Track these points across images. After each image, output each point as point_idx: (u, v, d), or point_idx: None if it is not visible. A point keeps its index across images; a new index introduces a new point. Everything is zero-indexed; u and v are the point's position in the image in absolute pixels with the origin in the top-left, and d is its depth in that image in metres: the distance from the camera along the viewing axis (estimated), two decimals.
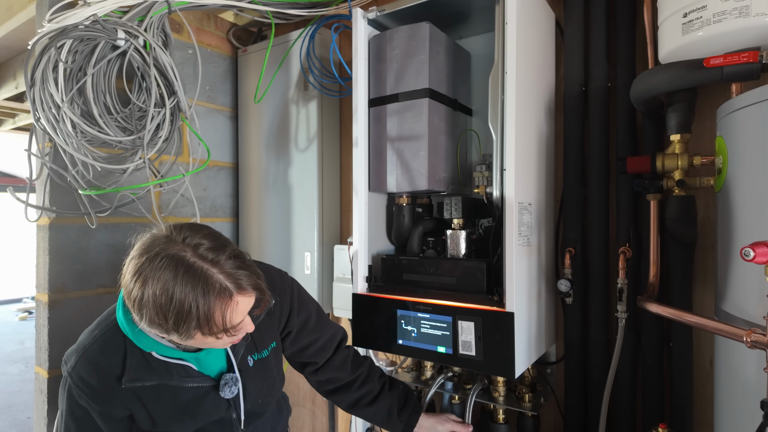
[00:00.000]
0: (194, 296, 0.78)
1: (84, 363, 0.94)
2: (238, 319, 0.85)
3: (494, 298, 1.17)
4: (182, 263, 0.79)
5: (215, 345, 0.90)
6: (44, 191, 1.56)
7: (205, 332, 0.81)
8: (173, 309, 0.78)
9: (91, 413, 0.96)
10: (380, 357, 1.86)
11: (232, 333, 0.85)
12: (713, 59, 0.92)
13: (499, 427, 1.42)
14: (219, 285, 0.80)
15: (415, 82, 1.32)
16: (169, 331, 0.82)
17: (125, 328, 0.93)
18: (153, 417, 0.98)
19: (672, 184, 1.15)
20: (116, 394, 0.94)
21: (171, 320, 0.79)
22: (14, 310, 7.84)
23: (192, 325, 0.79)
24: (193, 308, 0.78)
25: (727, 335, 0.78)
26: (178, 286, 0.78)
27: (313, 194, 1.90)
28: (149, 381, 0.94)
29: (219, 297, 0.80)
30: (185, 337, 0.83)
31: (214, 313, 0.80)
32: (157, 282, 0.78)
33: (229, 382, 1.01)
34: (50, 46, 1.33)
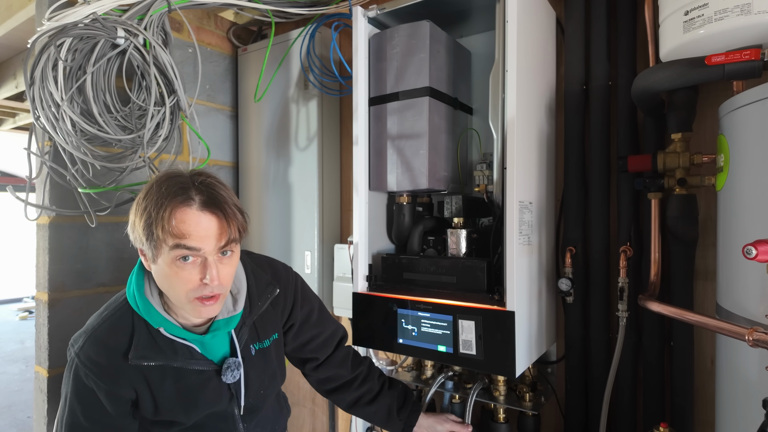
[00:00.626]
0: (158, 198, 0.86)
1: (92, 342, 0.94)
2: (191, 229, 0.86)
3: (495, 297, 1.17)
4: (165, 177, 0.90)
5: (179, 280, 0.88)
6: (44, 190, 1.56)
7: (160, 235, 0.85)
8: (144, 205, 0.87)
9: (98, 393, 0.94)
10: (380, 356, 1.85)
11: (181, 241, 0.86)
12: (715, 57, 0.92)
13: (499, 426, 1.41)
14: (183, 195, 0.87)
15: (416, 80, 1.31)
16: (140, 239, 0.88)
17: (137, 302, 0.95)
18: (156, 401, 0.97)
19: (673, 183, 1.15)
20: (123, 372, 0.94)
21: (140, 216, 0.87)
22: (15, 310, 7.84)
23: (150, 224, 0.85)
24: (155, 206, 0.86)
25: (729, 334, 0.77)
26: (152, 193, 0.88)
27: (313, 193, 1.89)
28: (155, 360, 0.95)
29: (177, 200, 0.86)
30: (153, 247, 0.87)
31: (164, 211, 0.85)
32: (144, 192, 0.90)
33: (232, 366, 1.00)
34: (50, 44, 1.32)
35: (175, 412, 0.99)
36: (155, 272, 0.92)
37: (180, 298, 0.90)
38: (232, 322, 1.02)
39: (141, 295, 0.95)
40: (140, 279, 0.97)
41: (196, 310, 0.91)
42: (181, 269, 0.87)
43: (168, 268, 0.88)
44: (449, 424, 1.27)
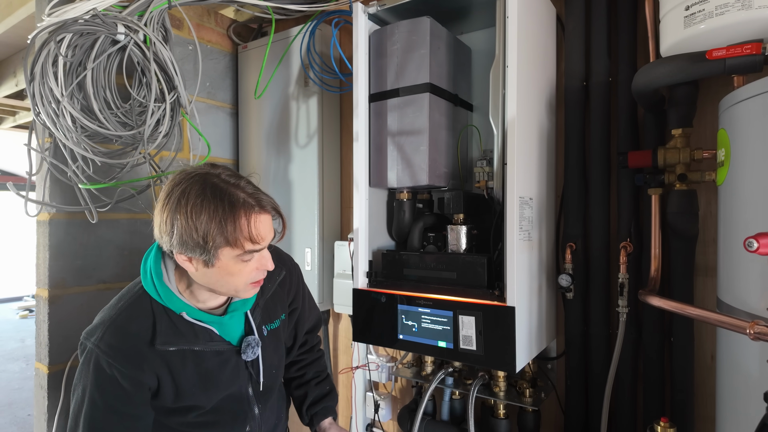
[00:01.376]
0: (222, 207, 0.86)
1: (113, 331, 0.94)
2: (263, 231, 0.91)
3: (495, 293, 1.17)
4: (208, 182, 0.88)
5: (240, 275, 0.93)
6: (44, 186, 1.56)
7: (232, 243, 0.87)
8: (203, 220, 0.85)
9: (121, 382, 0.93)
10: (380, 353, 1.86)
11: (257, 245, 0.90)
12: (716, 51, 0.92)
13: (499, 422, 1.41)
14: (242, 199, 0.88)
15: (416, 76, 1.31)
16: (197, 247, 0.87)
17: (157, 290, 0.96)
18: (178, 386, 0.97)
19: (673, 179, 1.15)
20: (147, 358, 0.94)
21: (201, 231, 0.85)
22: (15, 309, 7.84)
23: (220, 235, 0.86)
24: (221, 216, 0.86)
25: (730, 327, 0.77)
26: (206, 200, 0.86)
27: (313, 190, 1.89)
28: (178, 345, 0.96)
29: (243, 207, 0.88)
30: (213, 254, 0.88)
31: (239, 220, 0.87)
32: (187, 198, 0.86)
33: (252, 344, 1.04)
34: (50, 40, 1.32)
35: (195, 396, 0.99)
36: (208, 274, 0.92)
37: (238, 287, 0.96)
38: (249, 302, 1.06)
39: (161, 283, 0.97)
40: (158, 268, 0.98)
41: (249, 292, 0.99)
42: (245, 266, 0.93)
43: (234, 267, 0.92)
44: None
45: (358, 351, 1.85)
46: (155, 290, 0.97)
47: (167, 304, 0.97)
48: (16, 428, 3.75)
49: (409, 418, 1.55)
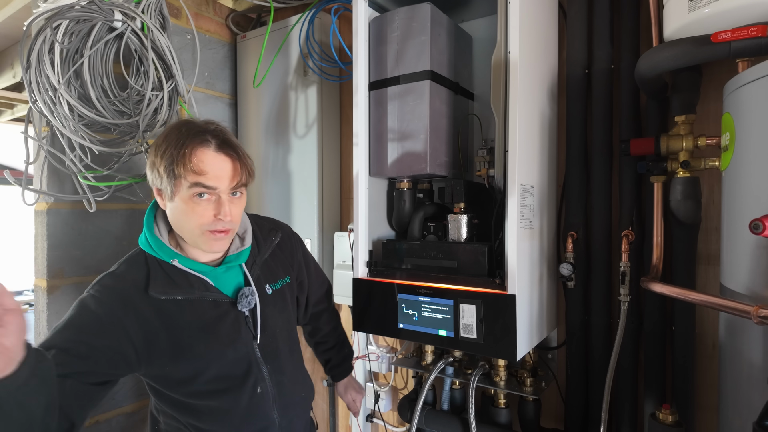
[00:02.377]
0: (177, 138, 0.94)
1: (108, 279, 0.97)
2: (209, 167, 0.94)
3: (496, 281, 1.16)
4: (182, 122, 0.99)
5: (194, 215, 0.95)
6: (41, 176, 1.55)
7: (179, 174, 0.92)
8: (162, 149, 0.94)
9: (100, 320, 0.91)
10: (380, 343, 1.85)
11: (200, 177, 0.93)
12: (721, 34, 0.91)
13: (500, 411, 1.41)
14: (201, 137, 0.95)
15: (416, 63, 1.30)
16: (158, 176, 0.95)
17: (149, 242, 1.00)
18: (175, 339, 0.96)
19: (676, 166, 1.14)
20: (138, 306, 0.94)
21: (159, 160, 0.94)
22: None
23: (170, 164, 0.92)
24: (174, 146, 0.93)
25: (735, 312, 0.77)
26: (171, 134, 0.96)
27: (312, 181, 1.88)
28: (173, 295, 0.97)
29: (193, 140, 0.94)
30: (171, 184, 0.94)
31: (186, 149, 0.93)
32: (162, 135, 0.97)
33: (246, 293, 1.05)
34: (46, 26, 1.31)
35: (198, 350, 0.98)
36: (171, 209, 0.98)
37: (193, 232, 0.97)
38: (242, 256, 1.08)
39: (152, 234, 1.00)
40: (150, 221, 1.02)
41: (208, 243, 0.98)
42: (197, 205, 0.95)
43: (185, 205, 0.95)
44: (352, 395, 1.47)
45: (358, 341, 1.84)
46: (147, 243, 1.00)
47: (159, 253, 0.99)
48: None
49: (410, 407, 1.55)
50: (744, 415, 0.89)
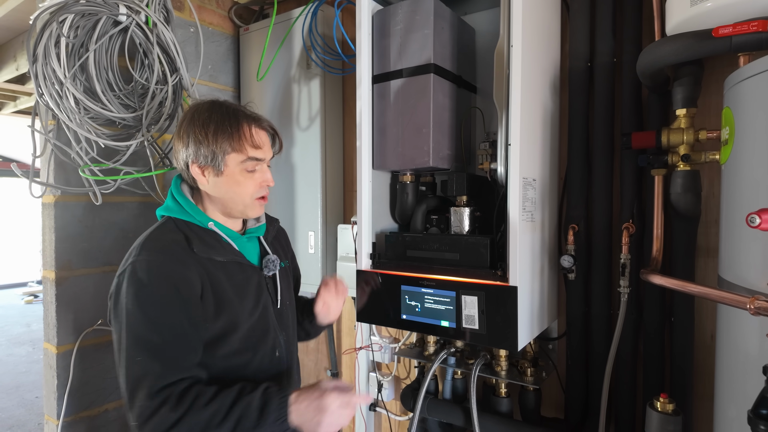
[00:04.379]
0: (228, 118, 1.01)
1: (151, 243, 0.98)
2: (263, 140, 1.05)
3: (498, 273, 1.18)
4: (216, 103, 1.05)
5: (246, 186, 1.03)
6: (48, 169, 1.57)
7: (237, 149, 1.00)
8: (211, 129, 0.99)
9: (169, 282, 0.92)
10: (383, 334, 1.88)
11: (258, 151, 1.03)
12: (722, 29, 0.91)
13: (501, 400, 1.44)
14: (244, 114, 1.04)
15: (419, 57, 1.31)
16: (209, 154, 0.99)
17: (184, 208, 1.04)
18: (217, 295, 0.99)
19: (677, 160, 1.15)
20: (188, 260, 0.97)
21: (210, 139, 0.99)
22: (20, 294, 7.91)
23: (226, 141, 0.99)
24: (227, 124, 1.00)
25: (731, 303, 0.78)
26: (215, 113, 1.01)
27: (316, 174, 1.89)
28: (212, 255, 1.01)
29: (245, 119, 1.03)
30: (221, 160, 1.00)
31: (242, 128, 1.01)
32: (200, 114, 1.02)
33: (272, 260, 1.13)
34: (51, 20, 1.32)
35: (234, 307, 1.01)
36: (218, 183, 1.02)
37: (245, 201, 1.05)
38: (261, 229, 1.17)
39: (187, 200, 1.05)
40: (180, 191, 1.07)
41: (256, 208, 1.09)
42: (250, 176, 1.04)
43: (238, 177, 1.03)
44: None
45: (361, 332, 1.87)
46: (181, 208, 1.04)
47: (196, 218, 1.04)
48: (24, 410, 3.81)
49: (412, 397, 1.57)
50: (740, 404, 0.91)
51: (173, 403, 0.86)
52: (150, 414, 0.85)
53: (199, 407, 0.87)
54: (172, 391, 0.87)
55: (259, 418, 0.89)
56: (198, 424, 0.86)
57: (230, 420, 0.88)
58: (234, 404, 0.89)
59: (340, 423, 0.93)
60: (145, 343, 0.90)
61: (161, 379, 0.87)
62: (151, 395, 0.86)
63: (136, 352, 0.89)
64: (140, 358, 0.89)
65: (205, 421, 0.87)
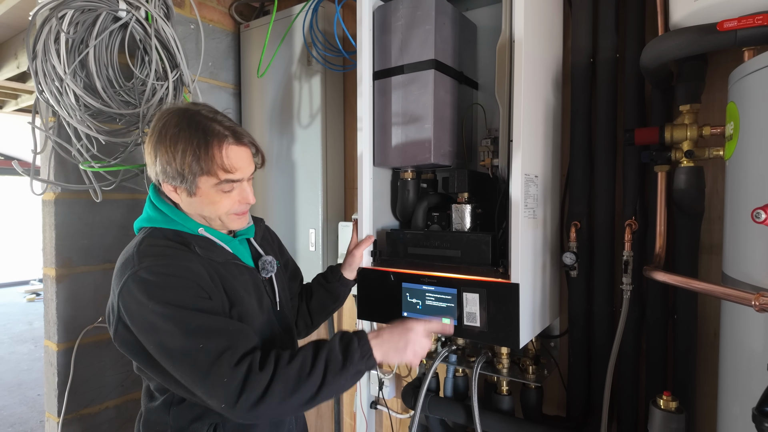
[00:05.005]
0: (197, 137, 0.91)
1: (147, 254, 0.91)
2: (237, 163, 0.95)
3: (499, 270, 1.17)
4: (187, 115, 0.94)
5: (222, 204, 0.97)
6: (49, 166, 1.56)
7: (207, 172, 0.92)
8: (179, 149, 0.90)
9: (182, 274, 0.89)
10: None
11: (231, 174, 0.94)
12: (727, 23, 0.90)
13: (502, 398, 1.43)
14: (217, 130, 0.93)
15: (421, 53, 1.30)
16: (178, 176, 0.92)
17: (168, 216, 0.98)
18: (227, 290, 0.96)
19: (680, 156, 1.14)
20: (192, 258, 0.93)
21: (178, 161, 0.90)
22: (22, 292, 7.94)
23: (195, 164, 0.91)
24: (195, 146, 0.90)
25: (735, 299, 0.77)
26: (183, 130, 0.92)
27: (316, 171, 1.89)
28: (211, 257, 0.97)
29: (217, 137, 0.93)
30: (192, 182, 0.92)
31: (212, 149, 0.91)
32: (167, 130, 0.92)
33: (268, 260, 1.09)
34: (51, 16, 1.31)
35: (244, 303, 0.98)
36: (192, 203, 0.97)
37: (222, 217, 1.00)
38: (250, 230, 1.12)
39: (172, 209, 0.99)
40: (162, 203, 1.00)
41: (233, 222, 1.02)
42: (225, 196, 0.97)
43: (210, 197, 0.96)
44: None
45: (362, 328, 1.86)
46: (166, 218, 0.98)
47: (183, 224, 0.98)
48: (26, 408, 3.82)
49: (413, 394, 1.57)
50: (743, 402, 0.90)
51: (258, 367, 0.83)
52: (241, 382, 0.81)
53: (284, 364, 0.85)
54: (253, 358, 0.84)
55: (345, 359, 0.88)
56: (290, 379, 0.84)
57: (318, 368, 0.86)
58: (317, 354, 0.88)
59: (425, 349, 0.95)
60: (201, 329, 0.85)
61: (236, 351, 0.84)
62: (234, 366, 0.82)
63: (196, 342, 0.84)
64: (203, 345, 0.84)
65: (295, 374, 0.84)
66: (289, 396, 0.84)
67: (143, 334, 0.87)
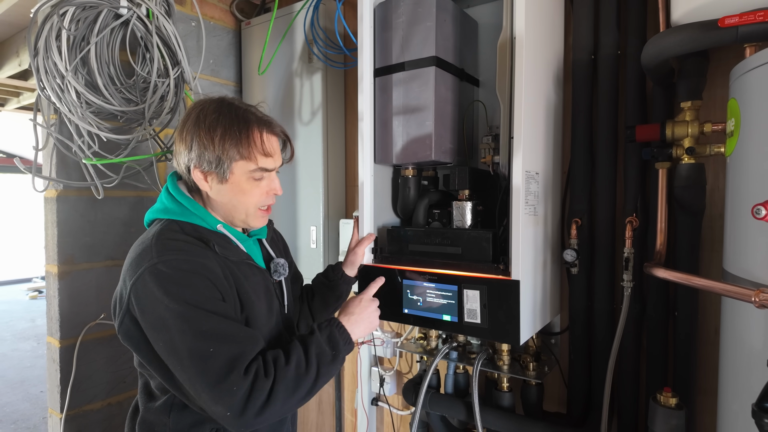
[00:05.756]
0: (237, 122, 0.94)
1: (165, 247, 0.89)
2: (272, 147, 0.98)
3: (500, 267, 1.17)
4: (225, 103, 0.97)
5: (252, 195, 0.98)
6: (50, 163, 1.57)
7: (246, 156, 0.93)
8: (218, 133, 0.92)
9: (198, 272, 0.87)
10: (385, 329, 1.88)
11: (269, 159, 0.97)
12: (728, 19, 0.90)
13: (503, 394, 1.43)
14: (255, 117, 0.97)
15: (422, 49, 1.30)
16: (214, 160, 0.92)
17: (189, 209, 0.97)
18: (239, 292, 0.95)
19: (681, 153, 1.14)
20: (209, 254, 0.92)
21: (217, 144, 0.92)
22: (25, 290, 7.96)
23: (234, 147, 0.92)
24: (236, 129, 0.93)
25: (735, 296, 0.78)
26: (223, 116, 0.94)
27: (318, 168, 1.89)
28: (227, 256, 0.96)
29: (256, 124, 0.96)
30: (227, 167, 0.93)
31: (253, 133, 0.94)
32: (206, 115, 0.94)
33: (280, 263, 1.10)
34: (52, 13, 1.31)
35: (254, 307, 0.97)
36: (222, 191, 0.97)
37: (249, 210, 1.00)
38: (263, 231, 1.13)
39: (194, 203, 0.99)
40: (182, 195, 1.00)
41: (258, 219, 1.03)
42: (255, 185, 0.98)
43: (243, 185, 0.97)
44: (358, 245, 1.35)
45: None
46: (185, 210, 0.97)
47: (203, 219, 0.98)
48: (28, 404, 3.84)
49: (414, 391, 1.57)
50: (743, 399, 0.90)
51: (263, 372, 0.84)
52: (248, 391, 0.82)
53: (282, 366, 0.86)
54: (259, 365, 0.85)
55: (333, 349, 0.92)
56: (290, 380, 0.86)
57: (312, 363, 0.88)
58: (307, 349, 0.90)
59: (378, 311, 1.07)
60: (212, 333, 0.84)
61: (246, 357, 0.84)
62: (243, 376, 0.82)
63: (206, 345, 0.83)
64: (213, 349, 0.83)
65: (293, 374, 0.86)
66: (291, 394, 0.86)
67: (153, 330, 0.86)
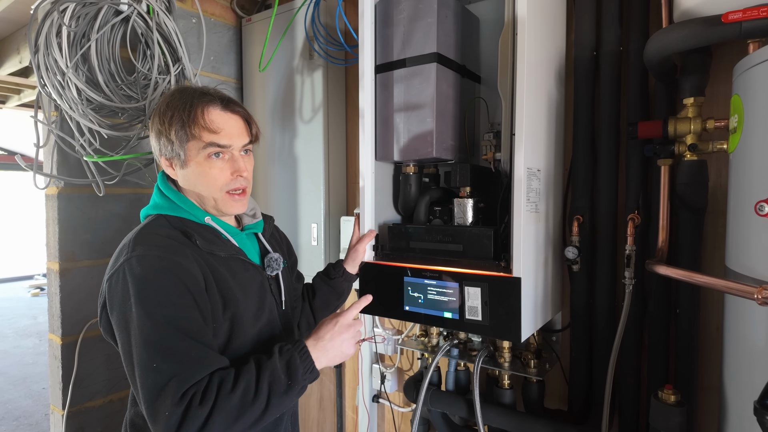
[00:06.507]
0: (183, 103, 0.94)
1: (143, 242, 0.87)
2: (221, 124, 0.95)
3: (501, 264, 1.17)
4: (179, 89, 0.99)
5: (214, 177, 0.96)
6: (51, 161, 1.57)
7: (191, 135, 0.93)
8: (168, 116, 0.94)
9: (172, 272, 0.85)
10: (386, 326, 1.88)
11: (215, 135, 0.94)
12: (732, 14, 0.89)
13: (504, 392, 1.43)
14: (206, 98, 0.96)
15: (423, 46, 1.29)
16: (169, 144, 0.94)
17: (175, 203, 0.98)
18: (222, 290, 0.93)
19: (684, 149, 1.13)
20: (188, 252, 0.90)
21: (167, 127, 0.93)
22: (26, 287, 7.98)
23: (181, 128, 0.92)
24: (181, 110, 0.93)
25: (738, 293, 0.77)
26: (174, 100, 0.96)
27: (318, 165, 1.89)
28: (214, 251, 0.95)
29: (201, 100, 0.95)
30: (182, 149, 0.94)
31: (195, 110, 0.93)
32: (163, 103, 0.97)
33: (274, 257, 1.08)
34: (53, 10, 1.31)
35: (239, 305, 0.95)
36: (186, 176, 0.97)
37: (214, 193, 0.97)
38: (259, 225, 1.12)
39: (180, 196, 0.99)
40: (169, 186, 1.01)
41: (228, 204, 0.99)
42: (213, 166, 0.96)
43: (200, 167, 0.95)
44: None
45: (364, 324, 1.87)
46: (173, 204, 0.97)
47: (189, 212, 0.97)
48: (31, 401, 3.86)
49: (415, 388, 1.57)
50: (745, 396, 0.90)
51: (199, 399, 0.79)
52: (179, 419, 0.77)
53: (227, 392, 0.80)
54: (198, 389, 0.80)
55: (289, 378, 0.85)
56: (233, 409, 0.80)
57: (262, 391, 0.82)
58: (259, 375, 0.84)
59: (357, 336, 0.98)
60: (161, 346, 0.80)
61: (185, 382, 0.79)
62: (177, 402, 0.77)
63: (152, 359, 0.80)
64: (156, 365, 0.79)
65: (238, 403, 0.80)
66: (232, 424, 0.80)
67: (117, 328, 0.85)
